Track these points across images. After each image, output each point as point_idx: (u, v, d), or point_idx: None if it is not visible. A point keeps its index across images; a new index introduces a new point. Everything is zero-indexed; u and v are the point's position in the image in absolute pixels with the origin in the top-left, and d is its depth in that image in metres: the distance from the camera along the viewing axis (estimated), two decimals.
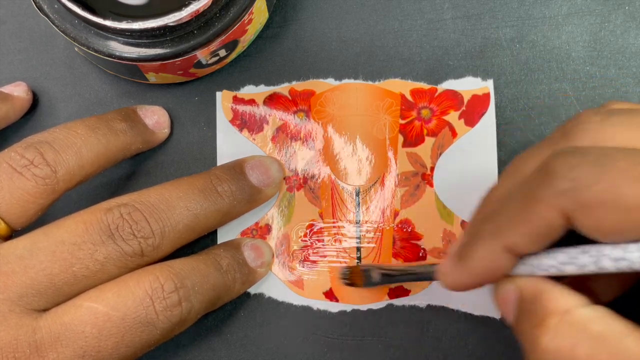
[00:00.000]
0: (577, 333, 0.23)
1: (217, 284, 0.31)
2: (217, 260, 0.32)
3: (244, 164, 0.34)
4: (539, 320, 0.24)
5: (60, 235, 0.29)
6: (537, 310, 0.24)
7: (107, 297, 0.28)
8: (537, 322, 0.24)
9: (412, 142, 0.35)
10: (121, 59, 0.31)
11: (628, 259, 0.22)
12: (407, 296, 0.34)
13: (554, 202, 0.23)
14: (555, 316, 0.24)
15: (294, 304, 0.35)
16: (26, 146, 0.30)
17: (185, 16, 0.30)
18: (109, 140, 0.32)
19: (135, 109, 0.34)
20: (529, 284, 0.25)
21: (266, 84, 0.36)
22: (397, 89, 0.35)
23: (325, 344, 0.34)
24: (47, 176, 0.30)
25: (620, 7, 0.36)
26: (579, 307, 0.24)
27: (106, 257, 0.29)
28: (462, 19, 0.36)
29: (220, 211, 0.32)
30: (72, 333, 0.28)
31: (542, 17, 0.36)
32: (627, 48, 0.35)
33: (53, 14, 0.31)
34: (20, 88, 0.35)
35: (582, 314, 0.23)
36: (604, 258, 0.23)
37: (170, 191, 0.31)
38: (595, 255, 0.23)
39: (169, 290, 0.29)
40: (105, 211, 0.29)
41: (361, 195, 0.35)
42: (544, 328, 0.24)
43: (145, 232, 0.29)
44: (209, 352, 0.34)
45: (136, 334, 0.28)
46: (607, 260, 0.23)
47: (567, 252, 0.24)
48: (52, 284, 0.28)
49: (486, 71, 0.35)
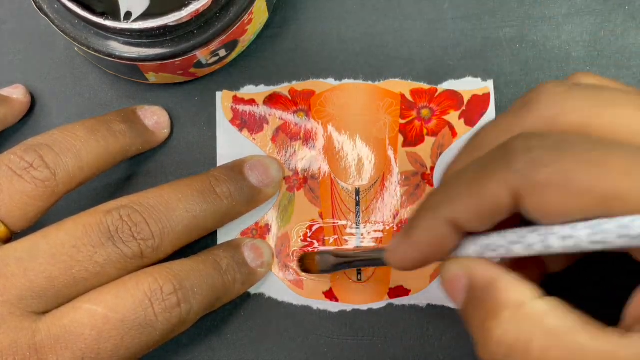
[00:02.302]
0: (532, 327, 0.23)
1: (216, 285, 0.31)
2: (217, 261, 0.32)
3: (243, 165, 0.34)
4: (492, 312, 0.23)
5: (60, 237, 0.29)
6: (489, 301, 0.24)
7: (106, 299, 0.28)
8: (489, 314, 0.24)
9: (412, 142, 0.35)
10: (121, 59, 0.31)
11: (575, 236, 0.22)
12: (407, 296, 0.34)
13: (506, 179, 0.23)
14: (509, 308, 0.23)
15: (294, 304, 0.35)
16: (26, 149, 0.30)
17: (185, 16, 0.30)
18: (108, 142, 0.32)
19: (135, 109, 0.34)
20: (479, 270, 0.25)
21: (266, 84, 0.36)
22: (397, 89, 0.35)
23: (325, 344, 0.34)
24: (46, 179, 0.30)
25: (620, 7, 0.36)
26: (533, 299, 0.23)
27: (106, 260, 0.29)
28: (462, 19, 0.36)
29: (220, 212, 0.32)
30: (71, 335, 0.28)
31: (542, 17, 0.36)
32: (627, 48, 0.35)
33: (53, 14, 0.31)
34: (18, 90, 0.35)
35: (536, 307, 0.23)
36: (551, 236, 0.23)
37: (169, 193, 0.31)
38: (544, 233, 0.23)
39: (167, 292, 0.29)
40: (104, 213, 0.29)
41: (361, 195, 0.35)
42: (496, 321, 0.23)
43: (145, 234, 0.29)
44: (209, 352, 0.34)
45: (135, 336, 0.28)
46: (554, 239, 0.23)
47: (516, 231, 0.24)
48: (51, 286, 0.28)
49: (486, 71, 0.35)
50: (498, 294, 0.24)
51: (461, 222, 0.25)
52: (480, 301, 0.24)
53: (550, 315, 0.23)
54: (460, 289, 0.25)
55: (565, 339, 0.22)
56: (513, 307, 0.23)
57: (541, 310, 0.23)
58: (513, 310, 0.23)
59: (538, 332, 0.23)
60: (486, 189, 0.24)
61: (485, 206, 0.24)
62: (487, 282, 0.24)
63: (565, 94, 0.24)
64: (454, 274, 0.26)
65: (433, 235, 0.25)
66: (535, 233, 0.23)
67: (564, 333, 0.22)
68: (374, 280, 0.34)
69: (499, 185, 0.23)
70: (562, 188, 0.22)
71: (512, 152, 0.23)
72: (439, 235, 0.25)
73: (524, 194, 0.23)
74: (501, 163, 0.23)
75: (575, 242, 0.22)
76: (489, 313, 0.24)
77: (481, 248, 0.25)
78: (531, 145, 0.23)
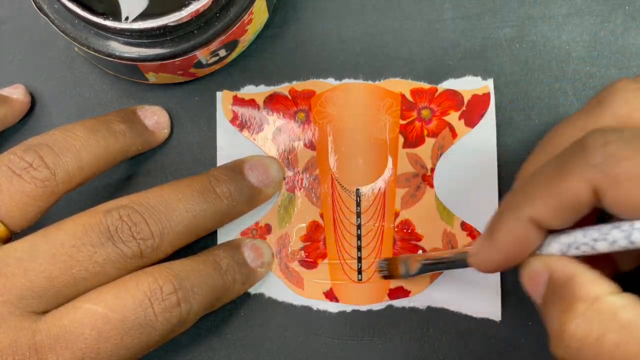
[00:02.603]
0: (606, 321, 0.23)
1: (216, 285, 0.31)
2: (217, 260, 0.32)
3: (243, 164, 0.34)
4: (568, 305, 0.24)
5: (60, 237, 0.29)
6: (567, 295, 0.24)
7: (106, 299, 0.28)
8: (565, 307, 0.24)
9: (413, 142, 0.35)
10: (121, 59, 0.31)
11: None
12: (407, 297, 0.34)
13: (585, 175, 0.23)
14: (585, 302, 0.23)
15: (294, 304, 0.35)
16: (25, 149, 0.30)
17: (185, 16, 0.30)
18: (108, 142, 0.32)
19: (135, 109, 0.34)
20: (559, 266, 0.25)
21: (266, 84, 0.36)
22: (397, 88, 0.35)
23: (325, 344, 0.34)
24: (46, 179, 0.30)
25: (620, 7, 0.35)
26: (609, 294, 0.23)
27: (105, 259, 0.29)
28: (462, 19, 0.36)
29: (220, 212, 0.32)
30: (71, 335, 0.28)
31: (542, 17, 0.36)
32: (627, 48, 0.35)
33: (53, 14, 0.31)
34: (18, 90, 0.35)
35: (611, 302, 0.23)
36: (635, 231, 0.23)
37: (169, 193, 0.31)
38: (627, 229, 0.23)
39: (167, 292, 0.29)
40: (104, 213, 0.29)
41: (361, 195, 0.35)
42: (572, 313, 0.23)
43: (145, 233, 0.29)
44: (209, 352, 0.35)
45: (135, 336, 0.28)
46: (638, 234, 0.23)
47: (598, 228, 0.24)
48: (51, 286, 0.28)
49: (486, 71, 0.35)
50: (576, 289, 0.24)
51: (543, 220, 0.25)
52: (558, 296, 0.24)
53: (625, 310, 0.23)
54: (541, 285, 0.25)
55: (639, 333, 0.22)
56: (589, 300, 0.23)
57: (616, 304, 0.23)
58: (588, 304, 0.23)
59: (612, 325, 0.23)
60: (566, 186, 0.24)
61: (566, 203, 0.24)
62: (567, 278, 0.24)
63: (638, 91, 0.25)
64: (535, 271, 0.26)
65: (515, 235, 0.26)
66: (618, 229, 0.23)
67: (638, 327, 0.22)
68: (374, 281, 0.34)
69: (578, 181, 0.23)
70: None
71: (589, 147, 0.23)
72: (521, 236, 0.25)
73: (604, 189, 0.23)
74: (579, 159, 0.24)
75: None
76: (565, 306, 0.24)
77: (564, 246, 0.25)
78: (608, 140, 0.23)
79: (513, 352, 0.34)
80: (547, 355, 0.34)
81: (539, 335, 0.34)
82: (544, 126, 0.35)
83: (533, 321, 0.34)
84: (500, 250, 0.26)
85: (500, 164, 0.35)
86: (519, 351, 0.34)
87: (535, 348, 0.34)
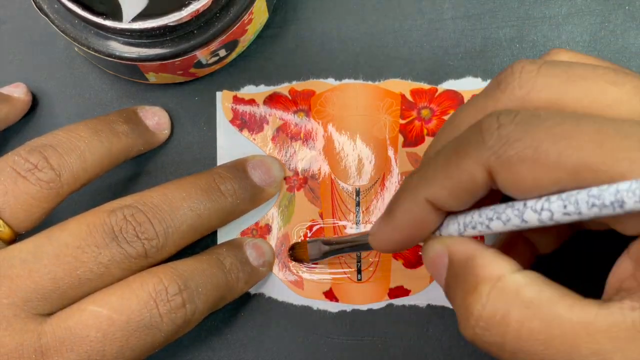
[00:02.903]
0: (509, 300, 0.23)
1: (220, 284, 0.31)
2: (220, 259, 0.32)
3: (246, 163, 0.34)
4: (471, 287, 0.24)
5: (64, 238, 0.29)
6: (469, 276, 0.24)
7: (111, 300, 0.28)
8: (469, 289, 0.24)
9: (413, 142, 0.35)
10: (121, 59, 0.31)
11: (549, 208, 0.22)
12: (407, 296, 0.34)
13: (479, 157, 0.23)
14: (487, 283, 0.23)
15: (294, 304, 0.35)
16: (30, 150, 0.30)
17: (185, 16, 0.30)
18: (111, 143, 0.32)
19: (136, 110, 0.34)
20: (459, 247, 0.25)
21: (266, 84, 0.36)
22: (397, 89, 0.35)
23: (325, 344, 0.34)
24: (51, 180, 0.30)
25: (620, 7, 0.36)
26: (511, 273, 0.23)
27: (110, 260, 0.29)
28: (462, 19, 0.36)
29: (224, 210, 0.32)
30: (76, 337, 0.28)
31: (542, 17, 0.36)
32: (627, 48, 0.35)
33: (53, 14, 0.31)
34: (19, 89, 0.35)
35: (514, 280, 0.23)
36: (527, 210, 0.23)
37: (173, 191, 0.31)
38: (520, 208, 0.23)
39: (172, 293, 0.29)
40: (108, 213, 0.29)
41: (361, 195, 0.35)
42: (476, 295, 0.23)
43: (149, 233, 0.29)
44: (209, 352, 0.34)
45: (140, 337, 0.28)
46: (529, 212, 0.23)
47: (493, 208, 0.24)
48: (56, 287, 0.28)
49: (486, 71, 0.35)
50: (477, 270, 0.24)
51: (439, 201, 0.25)
52: (460, 277, 0.25)
53: (527, 288, 0.23)
54: (443, 267, 0.26)
55: (542, 310, 0.22)
56: (491, 281, 0.23)
57: (519, 283, 0.23)
58: (491, 284, 0.23)
59: (516, 304, 0.23)
60: (461, 168, 0.24)
61: (461, 184, 0.24)
62: (467, 258, 0.25)
63: (536, 71, 0.25)
64: (435, 253, 0.26)
65: (413, 216, 0.26)
66: (512, 208, 0.23)
67: (541, 304, 0.22)
68: (374, 280, 0.34)
69: (472, 163, 0.23)
70: (533, 162, 0.22)
71: (483, 129, 0.23)
72: (418, 216, 0.26)
73: (497, 170, 0.23)
74: (474, 141, 0.24)
75: (549, 214, 0.22)
76: (469, 288, 0.24)
77: (461, 226, 0.25)
78: (502, 122, 0.23)
79: None
80: None
81: None
82: None
83: None
84: (398, 230, 0.26)
85: None
86: None
87: None
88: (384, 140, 0.35)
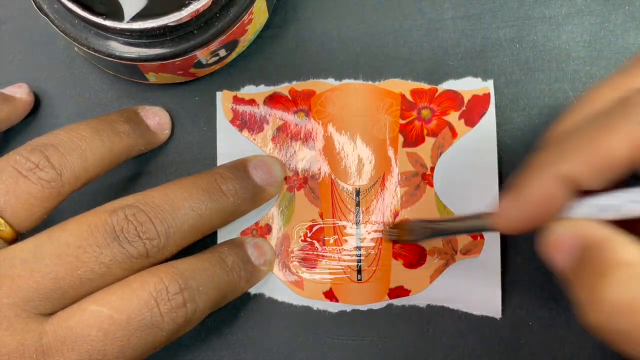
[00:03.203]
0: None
1: (222, 283, 0.31)
2: (222, 258, 0.32)
3: (247, 163, 0.34)
4: (603, 272, 0.23)
5: (65, 238, 0.28)
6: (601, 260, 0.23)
7: (111, 300, 0.28)
8: (600, 272, 0.23)
9: (413, 142, 0.35)
10: (121, 59, 0.31)
11: None
12: (407, 296, 0.34)
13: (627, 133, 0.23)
14: (621, 267, 0.23)
15: (294, 304, 0.35)
16: (31, 149, 0.30)
17: (185, 16, 0.30)
18: (113, 142, 0.32)
19: (137, 110, 0.34)
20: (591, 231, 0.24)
21: (266, 84, 0.36)
22: (397, 89, 0.35)
23: (325, 344, 0.34)
24: (52, 179, 0.30)
25: (620, 7, 0.36)
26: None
27: (111, 260, 0.29)
28: (462, 19, 0.36)
29: (225, 210, 0.32)
30: (77, 337, 0.28)
31: (542, 17, 0.36)
32: (627, 48, 0.35)
33: (53, 14, 0.31)
34: (22, 90, 0.35)
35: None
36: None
37: (174, 191, 0.31)
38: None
39: (173, 292, 0.29)
40: (109, 213, 0.29)
41: (361, 195, 0.35)
42: (606, 279, 0.23)
43: (150, 233, 0.29)
44: (209, 352, 0.34)
45: (142, 337, 0.28)
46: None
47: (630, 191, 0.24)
48: (57, 287, 0.28)
49: (486, 71, 0.35)
50: (610, 254, 0.23)
51: (579, 178, 0.24)
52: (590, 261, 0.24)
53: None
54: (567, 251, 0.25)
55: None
56: (625, 266, 0.23)
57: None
58: (624, 269, 0.23)
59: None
60: (605, 143, 0.23)
61: (604, 160, 0.23)
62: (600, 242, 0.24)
63: None
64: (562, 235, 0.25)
65: (546, 193, 0.25)
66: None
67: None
68: (374, 280, 0.34)
69: (618, 137, 0.23)
70: None
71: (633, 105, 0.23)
72: (552, 193, 0.25)
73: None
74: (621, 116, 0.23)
75: None
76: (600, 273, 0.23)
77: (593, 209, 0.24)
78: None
79: (513, 352, 0.34)
80: (547, 355, 0.34)
81: (539, 335, 0.34)
82: (544, 126, 0.35)
83: (533, 320, 0.34)
84: (527, 208, 0.25)
85: (500, 163, 0.35)
86: (519, 351, 0.34)
87: (535, 348, 0.34)
88: (384, 140, 0.35)
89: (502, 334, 0.34)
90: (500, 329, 0.34)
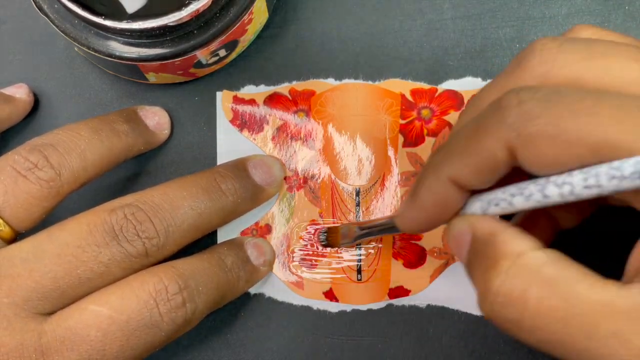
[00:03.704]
0: (529, 276, 0.23)
1: (221, 283, 0.31)
2: (222, 258, 0.32)
3: (247, 163, 0.34)
4: (491, 263, 0.24)
5: (64, 237, 0.28)
6: (490, 252, 0.24)
7: (111, 300, 0.28)
8: (489, 265, 0.24)
9: (413, 142, 0.35)
10: (121, 59, 0.31)
11: (570, 182, 0.22)
12: (407, 296, 0.34)
13: (500, 134, 0.23)
14: (508, 259, 0.23)
15: (294, 304, 0.35)
16: (30, 149, 0.30)
17: (185, 16, 0.30)
18: (112, 142, 0.32)
19: (136, 109, 0.34)
20: (482, 224, 0.25)
21: (266, 84, 0.36)
22: (397, 89, 0.35)
23: (325, 344, 0.34)
24: (51, 179, 0.30)
25: (620, 7, 0.36)
26: (532, 250, 0.23)
27: (110, 259, 0.29)
28: (462, 19, 0.36)
29: (225, 209, 0.32)
30: (77, 337, 0.28)
31: (542, 17, 0.36)
32: None
33: (53, 14, 0.31)
34: (22, 90, 0.35)
35: (534, 258, 0.23)
36: (549, 185, 0.23)
37: (174, 190, 0.31)
38: (542, 183, 0.23)
39: (173, 292, 0.29)
40: (109, 212, 0.29)
41: (361, 195, 0.35)
42: (496, 271, 0.23)
43: (150, 232, 0.29)
44: (209, 352, 0.34)
45: (141, 337, 0.28)
46: (551, 187, 0.23)
47: (516, 185, 0.24)
48: (57, 287, 0.28)
49: (486, 71, 0.35)
50: (498, 246, 0.24)
51: (462, 180, 0.25)
52: (481, 254, 0.25)
53: (548, 266, 0.23)
54: (465, 245, 0.26)
55: (562, 288, 0.22)
56: (512, 257, 0.23)
57: (540, 260, 0.23)
58: (511, 260, 0.23)
59: (535, 281, 0.23)
60: (482, 145, 0.24)
61: (483, 162, 0.24)
62: (489, 235, 0.25)
63: (557, 49, 0.25)
64: (459, 231, 0.26)
65: (436, 195, 0.26)
66: (534, 184, 0.24)
67: (561, 283, 0.22)
68: (374, 280, 0.34)
69: (494, 140, 0.23)
70: (554, 138, 0.22)
71: (504, 107, 0.23)
72: (442, 195, 0.26)
73: (518, 147, 0.23)
74: (494, 118, 0.24)
75: (571, 188, 0.23)
76: (489, 264, 0.24)
77: (484, 204, 0.25)
78: (522, 99, 0.23)
79: (513, 352, 0.34)
80: (547, 355, 0.34)
81: None
82: None
83: None
84: (423, 211, 0.26)
85: None
86: (519, 351, 0.34)
87: None
88: (384, 140, 0.35)
89: (502, 334, 0.34)
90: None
